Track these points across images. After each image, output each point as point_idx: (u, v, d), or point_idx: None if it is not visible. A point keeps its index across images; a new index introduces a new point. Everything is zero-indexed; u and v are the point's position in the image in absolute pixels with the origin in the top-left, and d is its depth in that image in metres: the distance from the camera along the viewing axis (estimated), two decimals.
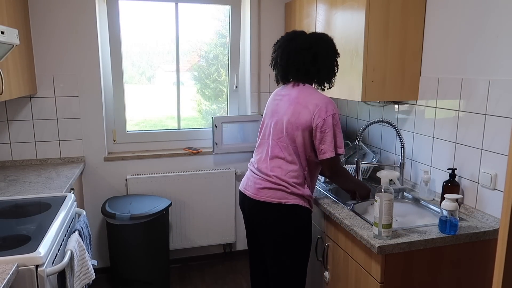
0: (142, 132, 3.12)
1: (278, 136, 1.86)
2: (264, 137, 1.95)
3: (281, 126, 1.85)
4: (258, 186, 1.86)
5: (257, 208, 1.87)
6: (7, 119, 2.72)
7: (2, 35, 1.67)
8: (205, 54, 3.26)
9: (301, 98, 1.83)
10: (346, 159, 2.43)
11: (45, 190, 2.20)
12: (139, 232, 2.60)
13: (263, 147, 1.94)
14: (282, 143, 1.85)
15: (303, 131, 1.79)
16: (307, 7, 2.65)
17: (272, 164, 1.86)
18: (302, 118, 1.79)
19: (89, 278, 1.80)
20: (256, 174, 1.91)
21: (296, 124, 1.80)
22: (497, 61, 1.66)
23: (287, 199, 1.81)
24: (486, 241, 1.66)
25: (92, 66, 2.80)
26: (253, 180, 1.90)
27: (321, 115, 1.76)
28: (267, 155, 1.89)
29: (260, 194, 1.85)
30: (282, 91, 1.95)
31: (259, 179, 1.87)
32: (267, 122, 1.95)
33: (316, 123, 1.77)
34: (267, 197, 1.83)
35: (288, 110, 1.84)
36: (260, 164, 1.91)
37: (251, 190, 1.89)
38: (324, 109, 1.77)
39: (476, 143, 1.77)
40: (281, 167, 1.84)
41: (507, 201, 0.74)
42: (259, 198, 1.85)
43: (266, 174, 1.86)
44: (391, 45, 2.04)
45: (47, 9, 2.66)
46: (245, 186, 1.95)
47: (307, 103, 1.80)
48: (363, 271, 1.67)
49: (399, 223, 1.88)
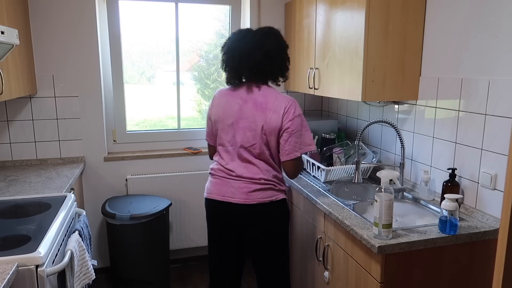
0: (142, 132, 3.12)
1: (251, 143, 1.85)
2: (231, 143, 1.89)
3: (254, 133, 1.84)
4: (247, 190, 1.85)
5: (248, 211, 1.86)
6: (7, 119, 2.72)
7: (2, 35, 1.67)
8: (205, 54, 3.26)
9: (269, 103, 1.83)
10: (346, 159, 2.43)
11: (45, 190, 2.20)
12: (139, 232, 2.60)
13: (232, 154, 1.90)
14: (255, 150, 1.85)
15: (275, 135, 1.83)
16: (307, 7, 2.65)
17: (251, 168, 1.86)
18: (273, 123, 1.81)
19: (89, 278, 1.80)
20: (237, 179, 1.87)
21: (269, 130, 1.82)
22: (497, 61, 1.66)
23: (276, 196, 1.87)
24: (486, 241, 1.66)
25: (92, 66, 2.80)
26: (237, 185, 1.86)
27: (289, 117, 1.80)
28: (242, 161, 1.88)
29: (252, 197, 1.84)
30: (240, 94, 1.89)
31: (245, 183, 1.86)
32: (230, 129, 1.89)
33: (284, 125, 1.80)
34: (259, 199, 1.84)
35: (260, 117, 1.83)
36: (238, 169, 1.87)
37: (239, 195, 1.85)
38: (292, 111, 1.81)
39: (476, 143, 1.77)
40: (260, 169, 1.86)
41: (507, 201, 0.74)
42: (251, 202, 1.84)
43: (250, 178, 1.85)
44: (391, 45, 2.04)
45: (47, 9, 2.67)
46: (224, 193, 1.89)
47: (276, 107, 1.81)
48: (363, 271, 1.67)
49: (399, 223, 1.88)
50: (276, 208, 1.88)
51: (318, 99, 3.33)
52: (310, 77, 2.64)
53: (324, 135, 2.57)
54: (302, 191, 2.21)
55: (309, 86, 2.67)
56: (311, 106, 3.32)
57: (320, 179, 2.35)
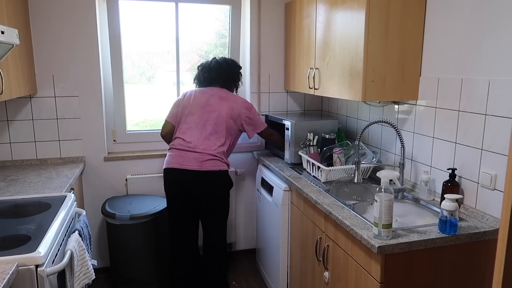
0: (142, 132, 3.12)
1: (216, 123, 2.52)
2: (197, 123, 2.53)
3: (218, 115, 2.52)
4: (201, 159, 2.45)
5: (202, 177, 2.44)
6: (7, 119, 2.72)
7: (2, 35, 1.67)
8: (205, 54, 3.26)
9: (231, 98, 2.61)
10: (346, 159, 2.43)
11: (45, 190, 2.20)
12: (139, 232, 2.60)
13: (194, 131, 2.52)
14: (218, 127, 2.52)
15: (234, 120, 2.56)
16: (307, 7, 2.65)
17: (209, 143, 2.49)
18: (236, 110, 2.56)
19: (89, 278, 1.80)
20: (193, 151, 2.47)
21: (232, 114, 2.55)
22: (497, 61, 1.66)
23: (222, 166, 2.50)
24: (486, 241, 1.66)
25: (92, 66, 2.80)
26: (192, 156, 2.46)
27: (248, 107, 2.62)
28: (204, 137, 2.49)
29: (205, 165, 2.44)
30: (208, 91, 2.63)
31: (200, 154, 2.46)
32: (198, 113, 2.55)
33: (248, 114, 2.60)
34: (210, 167, 2.45)
35: (224, 105, 2.55)
36: (196, 143, 2.48)
37: (194, 164, 2.44)
38: (249, 105, 2.64)
39: (476, 143, 1.77)
40: (216, 144, 2.49)
41: (507, 201, 0.74)
42: (204, 169, 2.44)
43: (204, 150, 2.46)
44: (391, 45, 2.04)
45: (47, 9, 2.67)
46: (182, 162, 2.46)
47: (237, 101, 2.60)
48: (363, 271, 1.67)
49: (399, 223, 1.88)
50: (223, 175, 2.52)
51: (318, 99, 3.33)
52: (310, 77, 2.64)
53: (324, 135, 2.57)
54: (302, 191, 2.21)
55: (309, 86, 2.67)
56: (311, 106, 3.32)
57: (320, 179, 2.35)
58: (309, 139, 2.62)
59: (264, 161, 2.92)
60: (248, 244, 3.39)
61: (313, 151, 2.53)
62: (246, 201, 3.31)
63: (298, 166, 2.68)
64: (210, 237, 2.62)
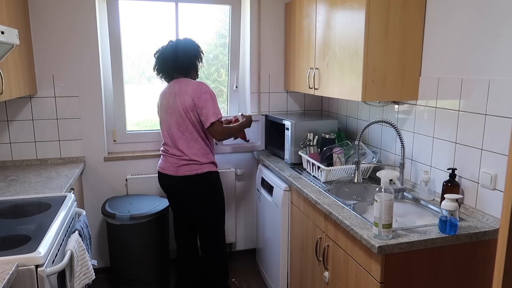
0: (142, 132, 3.12)
1: (178, 123, 2.39)
2: (166, 129, 2.46)
3: (177, 115, 2.38)
4: (176, 165, 2.41)
5: (179, 182, 2.42)
6: (7, 119, 2.72)
7: (2, 35, 1.67)
8: (205, 54, 3.26)
9: (182, 89, 2.38)
10: (346, 159, 2.43)
11: (45, 190, 2.20)
12: (139, 232, 2.60)
13: (167, 137, 2.46)
14: (181, 128, 2.39)
15: (192, 111, 2.35)
16: (307, 7, 2.65)
17: (182, 146, 2.40)
18: (187, 101, 2.34)
19: (89, 278, 1.80)
20: (171, 156, 2.44)
21: (185, 107, 2.35)
22: (497, 61, 1.66)
23: (201, 169, 2.41)
24: (486, 241, 1.66)
25: (92, 66, 2.80)
26: (171, 160, 2.44)
27: (197, 95, 2.34)
28: (174, 141, 2.42)
29: (180, 170, 2.41)
30: (168, 90, 2.47)
31: (175, 159, 2.42)
32: (164, 118, 2.46)
33: (195, 101, 2.34)
34: (185, 172, 2.40)
35: (177, 101, 2.37)
36: (170, 149, 2.45)
37: (172, 169, 2.43)
38: (200, 90, 2.35)
39: (476, 143, 1.77)
40: (185, 148, 2.40)
41: (507, 201, 0.74)
42: (179, 174, 2.41)
43: (178, 156, 2.41)
44: (391, 45, 2.04)
45: (47, 9, 2.67)
46: (163, 166, 2.48)
47: (187, 90, 2.36)
48: (363, 271, 1.67)
49: (399, 223, 1.88)
50: (201, 179, 2.41)
51: (318, 99, 3.33)
52: (310, 77, 2.64)
53: (324, 135, 2.57)
54: (302, 191, 2.21)
55: (309, 86, 2.67)
56: (311, 106, 3.32)
57: (320, 179, 2.35)
58: (309, 139, 2.62)
59: (264, 161, 2.92)
60: (248, 244, 3.39)
61: (313, 151, 2.53)
62: (246, 201, 3.31)
63: (298, 166, 2.68)
64: (203, 242, 2.60)
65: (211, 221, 2.54)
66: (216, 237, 2.58)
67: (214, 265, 2.63)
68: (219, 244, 2.61)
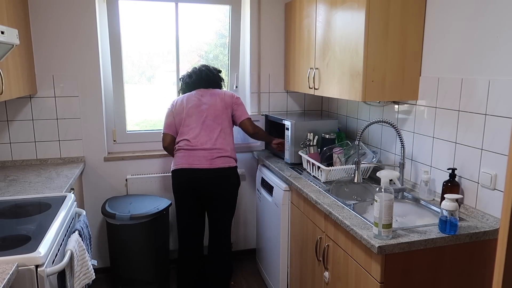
0: (142, 132, 3.12)
1: (215, 115, 2.57)
2: (196, 122, 2.56)
3: (215, 110, 2.57)
4: (210, 157, 2.48)
5: (213, 174, 2.47)
6: (7, 119, 2.72)
7: (2, 35, 1.67)
8: (205, 54, 3.26)
9: (219, 92, 2.67)
10: (346, 159, 2.43)
11: (45, 190, 2.20)
12: (139, 232, 2.60)
13: (199, 130, 2.54)
14: (218, 120, 2.57)
15: (229, 108, 2.63)
16: (307, 7, 2.65)
17: (216, 139, 2.53)
18: (226, 100, 2.62)
19: (89, 278, 1.80)
20: (202, 149, 2.50)
21: (225, 105, 2.61)
22: (497, 61, 1.66)
23: (232, 163, 2.55)
24: (486, 241, 1.66)
25: (92, 66, 2.80)
26: (201, 154, 2.49)
27: (234, 98, 2.67)
28: (208, 133, 2.53)
29: (215, 163, 2.48)
30: (198, 92, 2.66)
31: (208, 152, 2.49)
32: (196, 111, 2.58)
33: (234, 100, 2.65)
34: (220, 164, 2.49)
35: (215, 99, 2.61)
36: (200, 142, 2.51)
37: (204, 162, 2.47)
38: (235, 95, 2.68)
39: (476, 143, 1.77)
40: (222, 139, 2.54)
41: (507, 201, 0.74)
42: (214, 166, 2.47)
43: (211, 148, 2.50)
44: (391, 45, 2.04)
45: (47, 9, 2.67)
46: (191, 162, 2.48)
47: (225, 93, 2.66)
48: (363, 271, 1.67)
49: (399, 223, 1.88)
50: (233, 173, 2.55)
51: (318, 99, 3.33)
52: (310, 77, 2.64)
53: (324, 135, 2.57)
54: (302, 191, 2.21)
55: (309, 86, 2.67)
56: (311, 106, 3.32)
57: (320, 179, 2.35)
58: (309, 139, 2.62)
59: (264, 161, 2.92)
60: (248, 244, 3.39)
61: (313, 151, 2.53)
62: (246, 201, 3.31)
63: (298, 166, 2.68)
64: (217, 237, 2.64)
65: (230, 216, 2.63)
66: (229, 232, 2.68)
67: (222, 263, 2.66)
68: (230, 240, 2.70)
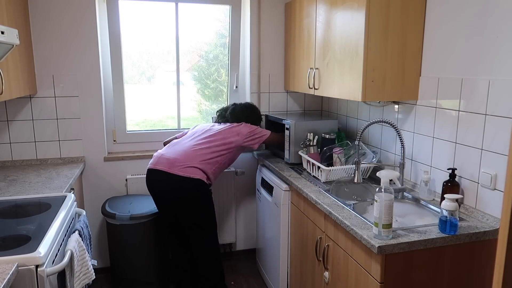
0: (142, 132, 3.12)
1: (209, 135, 2.58)
2: (190, 135, 2.64)
3: (217, 133, 2.58)
4: (172, 162, 2.46)
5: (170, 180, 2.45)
6: (7, 119, 2.72)
7: (2, 35, 1.67)
8: (205, 54, 3.26)
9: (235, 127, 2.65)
10: (346, 159, 2.43)
11: (45, 190, 2.20)
12: (139, 232, 2.60)
13: (184, 140, 2.61)
14: (210, 139, 2.55)
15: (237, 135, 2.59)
16: (307, 7, 2.65)
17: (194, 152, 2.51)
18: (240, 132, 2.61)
19: (89, 278, 1.80)
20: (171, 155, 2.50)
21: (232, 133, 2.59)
22: (497, 61, 1.66)
23: (194, 174, 2.45)
24: (486, 241, 1.66)
25: (92, 66, 2.80)
26: (166, 157, 2.50)
27: (249, 126, 2.66)
28: (189, 146, 2.54)
29: (174, 169, 2.44)
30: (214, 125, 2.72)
31: (174, 158, 2.48)
32: (198, 130, 2.67)
33: (248, 131, 2.62)
34: (178, 171, 2.43)
35: (226, 129, 2.62)
36: (179, 149, 2.53)
37: (165, 165, 2.46)
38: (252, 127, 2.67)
39: (476, 143, 1.77)
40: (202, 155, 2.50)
41: (507, 201, 0.74)
42: (172, 172, 2.43)
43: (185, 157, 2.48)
44: (391, 45, 2.04)
45: (47, 9, 2.67)
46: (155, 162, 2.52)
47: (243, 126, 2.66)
48: (363, 271, 1.67)
49: (399, 223, 1.88)
50: (191, 183, 2.44)
51: (318, 99, 3.33)
52: (310, 77, 2.64)
53: (324, 135, 2.57)
54: (302, 191, 2.21)
55: (309, 86, 2.67)
56: (311, 106, 3.32)
57: (320, 179, 2.35)
58: (309, 139, 2.62)
59: (264, 161, 2.92)
60: (248, 244, 3.39)
61: (313, 151, 2.53)
62: (246, 201, 3.32)
63: (298, 166, 2.68)
64: (189, 248, 2.66)
65: (199, 231, 2.57)
66: (203, 244, 2.59)
67: (203, 275, 2.62)
68: (207, 252, 2.60)
